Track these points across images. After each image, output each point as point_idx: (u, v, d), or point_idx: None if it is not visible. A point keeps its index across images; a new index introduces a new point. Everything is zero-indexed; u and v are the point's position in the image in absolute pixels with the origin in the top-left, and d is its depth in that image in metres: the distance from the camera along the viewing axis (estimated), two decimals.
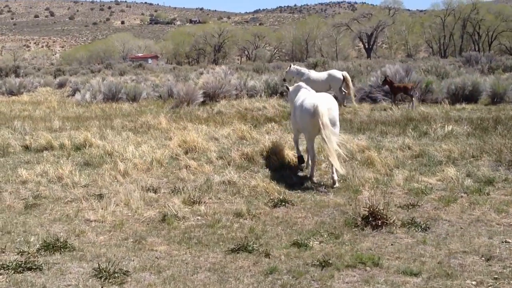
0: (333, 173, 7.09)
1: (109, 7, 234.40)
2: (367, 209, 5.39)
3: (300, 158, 8.04)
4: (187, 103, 15.71)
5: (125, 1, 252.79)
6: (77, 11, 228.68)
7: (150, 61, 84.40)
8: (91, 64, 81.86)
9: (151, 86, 20.65)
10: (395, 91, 14.12)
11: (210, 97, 16.91)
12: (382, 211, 5.32)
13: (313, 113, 7.23)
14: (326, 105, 7.38)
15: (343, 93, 14.85)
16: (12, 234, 5.62)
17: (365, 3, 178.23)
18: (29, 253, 4.95)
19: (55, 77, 35.98)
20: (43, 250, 5.03)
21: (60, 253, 4.98)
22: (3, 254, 4.99)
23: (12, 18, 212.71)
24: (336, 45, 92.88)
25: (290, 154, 8.24)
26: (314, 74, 15.73)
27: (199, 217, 6.00)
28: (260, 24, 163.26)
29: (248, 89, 17.60)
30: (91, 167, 8.44)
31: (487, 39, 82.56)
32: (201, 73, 28.52)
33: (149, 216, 6.10)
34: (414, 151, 8.12)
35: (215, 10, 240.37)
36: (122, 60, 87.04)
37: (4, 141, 9.89)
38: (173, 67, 55.36)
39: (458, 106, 13.50)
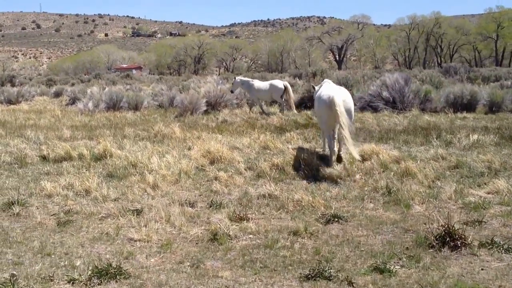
0: (331, 159, 7.72)
1: (93, 20, 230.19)
2: (442, 228, 4.70)
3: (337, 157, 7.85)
4: (190, 112, 14.86)
5: (108, 15, 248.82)
6: (63, 23, 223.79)
7: (134, 71, 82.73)
8: (78, 74, 79.78)
9: (150, 95, 19.65)
10: None
11: (212, 106, 16.09)
12: (459, 230, 4.64)
13: (329, 104, 7.64)
14: (341, 97, 7.76)
15: (284, 101, 15.18)
16: (53, 256, 4.75)
17: (333, 17, 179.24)
18: (81, 281, 4.11)
19: (49, 87, 34.49)
20: (95, 277, 4.19)
21: (116, 281, 4.15)
22: (51, 282, 4.13)
23: (0, 30, 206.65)
24: (309, 57, 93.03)
25: (323, 165, 7.50)
26: (257, 83, 15.75)
27: (251, 236, 5.22)
28: (236, 37, 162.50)
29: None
30: (116, 179, 7.55)
31: (448, 52, 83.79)
32: (199, 83, 27.65)
33: (196, 234, 5.29)
34: (450, 161, 7.48)
35: (194, 24, 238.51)
36: (108, 71, 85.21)
37: (21, 151, 8.89)
38: (159, 77, 54.07)
39: (459, 115, 13.03)
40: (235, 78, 16.74)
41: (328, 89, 8.18)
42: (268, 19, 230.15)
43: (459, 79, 23.61)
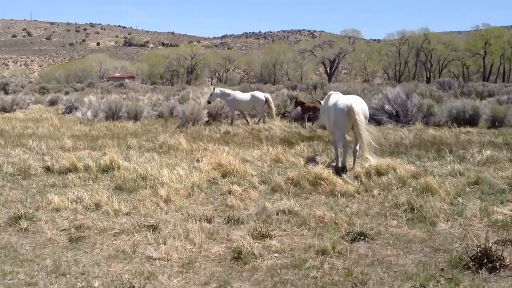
0: (354, 165, 8.26)
1: (85, 29, 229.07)
2: (478, 248, 4.48)
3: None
4: (192, 122, 14.60)
5: (100, 24, 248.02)
6: (54, 32, 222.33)
7: (127, 81, 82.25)
8: (70, 82, 79.09)
9: (150, 105, 19.35)
10: (304, 110, 14.77)
11: (213, 117, 15.86)
12: (497, 250, 4.43)
13: (348, 112, 7.93)
14: (359, 105, 8.09)
15: (265, 113, 15.53)
16: (69, 276, 4.45)
17: (323, 31, 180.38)
18: None
19: (42, 94, 34.01)
20: None
21: None
22: None
23: None
24: (301, 69, 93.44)
25: (339, 180, 7.27)
26: (239, 94, 15.85)
27: (276, 254, 4.96)
28: (228, 48, 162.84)
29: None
30: (125, 191, 7.25)
31: (438, 67, 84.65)
32: (197, 93, 27.37)
33: (218, 252, 5.02)
34: (468, 177, 7.31)
35: (186, 34, 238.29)
36: (100, 80, 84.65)
37: (23, 162, 8.54)
38: (153, 87, 53.77)
39: (462, 129, 12.94)
40: (214, 89, 16.75)
41: (344, 97, 8.48)
42: (260, 32, 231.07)
43: (453, 93, 23.67)
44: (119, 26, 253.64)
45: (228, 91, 16.13)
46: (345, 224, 5.71)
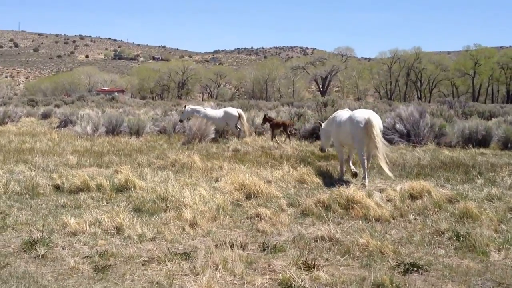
0: (364, 178, 8.38)
1: (74, 41, 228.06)
2: None
3: (355, 173, 8.81)
4: (199, 139, 14.20)
5: (90, 36, 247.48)
6: (42, 43, 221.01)
7: (116, 94, 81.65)
8: (57, 95, 78.25)
9: (151, 120, 18.90)
10: (273, 127, 14.89)
11: (219, 133, 15.49)
12: None
13: (365, 124, 8.18)
14: (376, 118, 8.39)
15: (238, 129, 15.40)
16: None
17: (315, 48, 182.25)
18: None
19: (32, 107, 33.35)
20: None
21: None
22: None
23: None
24: (293, 86, 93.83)
25: (372, 204, 6.92)
26: (210, 111, 15.82)
27: None
28: (219, 64, 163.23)
29: (255, 126, 16.29)
30: (145, 214, 6.80)
31: (428, 87, 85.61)
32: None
33: (263, 285, 4.61)
34: (507, 202, 7.01)
35: (177, 49, 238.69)
36: (88, 93, 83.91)
37: (30, 180, 8.04)
38: (146, 102, 53.31)
39: (476, 150, 12.73)
40: (185, 107, 16.67)
41: (361, 111, 8.76)
42: (252, 47, 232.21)
43: (455, 113, 23.61)
44: (109, 38, 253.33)
45: (199, 108, 16.10)
46: (391, 253, 5.34)
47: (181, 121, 16.16)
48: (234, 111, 15.33)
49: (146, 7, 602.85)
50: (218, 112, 15.59)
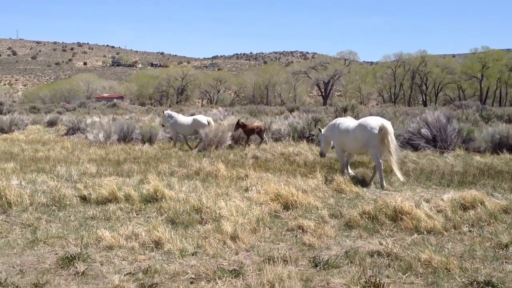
0: (382, 180, 8.64)
1: (72, 48, 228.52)
2: None
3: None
4: (215, 146, 13.93)
5: (87, 43, 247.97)
6: (40, 51, 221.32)
7: (116, 101, 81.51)
8: (55, 102, 78.10)
9: (160, 127, 18.60)
10: (247, 133, 15.07)
11: (235, 140, 15.23)
12: None
13: (380, 131, 8.51)
14: (389, 125, 8.68)
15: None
16: None
17: (316, 53, 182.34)
18: None
19: (34, 114, 33.10)
20: None
21: None
22: None
23: None
24: (294, 91, 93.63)
25: (422, 215, 6.61)
26: (181, 118, 15.91)
27: None
28: (218, 69, 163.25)
29: (272, 132, 16.03)
30: (180, 226, 6.50)
31: (433, 90, 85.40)
32: (192, 114, 26.70)
33: None
34: None
35: (175, 55, 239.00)
36: (87, 100, 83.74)
37: (56, 190, 7.75)
38: (147, 108, 53.09)
39: (507, 155, 12.43)
40: (163, 112, 16.66)
41: (374, 118, 9.10)
42: (251, 53, 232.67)
43: (471, 117, 23.34)
44: (107, 45, 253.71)
45: (173, 114, 16.21)
46: (457, 269, 5.04)
47: (163, 125, 16.37)
48: (204, 119, 15.42)
49: (143, 13, 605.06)
50: (188, 119, 15.73)
